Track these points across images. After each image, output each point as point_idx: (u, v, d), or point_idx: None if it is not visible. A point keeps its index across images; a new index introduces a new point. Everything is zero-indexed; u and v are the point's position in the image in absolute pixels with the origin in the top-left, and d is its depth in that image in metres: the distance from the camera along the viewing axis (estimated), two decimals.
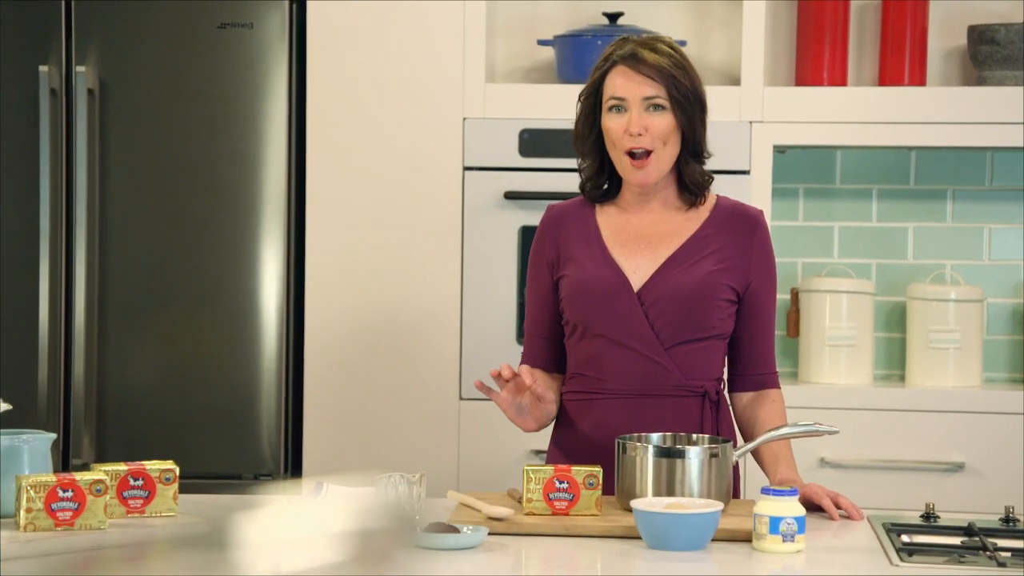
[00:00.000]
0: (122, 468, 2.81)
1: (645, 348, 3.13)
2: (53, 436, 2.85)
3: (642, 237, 3.19)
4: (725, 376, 3.24)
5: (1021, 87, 4.30)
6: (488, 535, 2.77)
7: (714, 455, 2.93)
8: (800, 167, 4.64)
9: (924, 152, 4.60)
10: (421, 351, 4.34)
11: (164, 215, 4.34)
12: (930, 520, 2.98)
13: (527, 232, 4.27)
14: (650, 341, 3.13)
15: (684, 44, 3.94)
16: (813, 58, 4.46)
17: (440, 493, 3.11)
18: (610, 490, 2.99)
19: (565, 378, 3.24)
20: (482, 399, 4.25)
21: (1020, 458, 4.20)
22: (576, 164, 3.27)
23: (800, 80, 4.49)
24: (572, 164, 3.34)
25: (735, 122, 4.29)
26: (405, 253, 4.36)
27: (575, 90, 3.26)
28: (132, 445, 4.30)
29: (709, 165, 3.23)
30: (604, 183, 3.23)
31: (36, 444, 2.81)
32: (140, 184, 4.34)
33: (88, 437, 4.33)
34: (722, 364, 3.23)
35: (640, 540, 2.76)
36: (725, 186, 3.86)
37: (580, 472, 2.90)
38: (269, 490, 4.10)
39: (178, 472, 2.84)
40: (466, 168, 4.35)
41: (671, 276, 3.14)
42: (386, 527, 1.44)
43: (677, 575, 2.61)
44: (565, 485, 2.89)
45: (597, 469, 2.91)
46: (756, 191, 4.26)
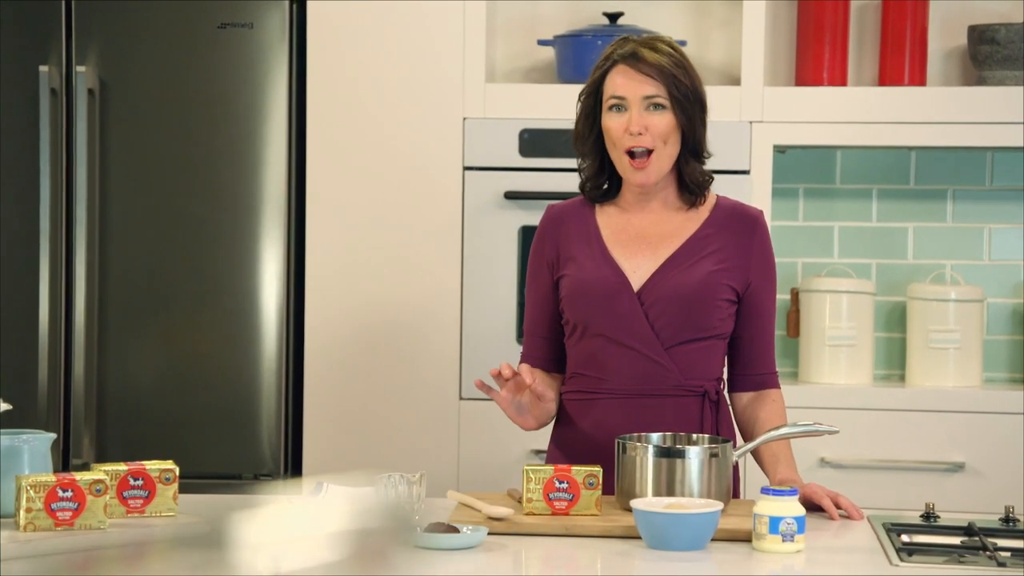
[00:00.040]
0: (122, 468, 2.81)
1: (645, 348, 3.13)
2: (53, 436, 2.86)
3: (642, 237, 3.19)
4: (725, 376, 3.24)
5: (1021, 87, 4.30)
6: (488, 535, 2.77)
7: (714, 455, 2.93)
8: (800, 167, 4.64)
9: (924, 152, 4.60)
10: (421, 351, 4.34)
11: (164, 215, 4.34)
12: (930, 520, 2.98)
13: (527, 232, 4.27)
14: (650, 341, 3.13)
15: (684, 44, 3.94)
16: (813, 58, 4.46)
17: (440, 493, 3.11)
18: (610, 490, 2.99)
19: (565, 378, 3.24)
20: (482, 399, 4.25)
21: (1020, 458, 4.20)
22: (576, 164, 3.27)
23: (800, 80, 4.49)
24: (572, 164, 3.34)
25: (735, 122, 4.29)
26: (405, 253, 4.35)
27: (575, 90, 3.26)
28: (132, 445, 4.30)
29: (709, 165, 3.23)
30: (604, 183, 3.23)
31: (36, 444, 2.81)
32: (140, 184, 4.34)
33: (88, 437, 4.33)
34: (722, 364, 3.23)
35: (640, 540, 2.76)
36: (725, 186, 3.86)
37: (580, 472, 2.90)
38: (269, 490, 4.10)
39: (178, 472, 2.84)
40: (466, 168, 4.35)
41: (671, 276, 3.14)
42: (384, 527, 1.44)
43: (677, 575, 2.61)
44: (565, 485, 2.89)
45: (597, 469, 2.91)
46: (756, 191, 4.26)
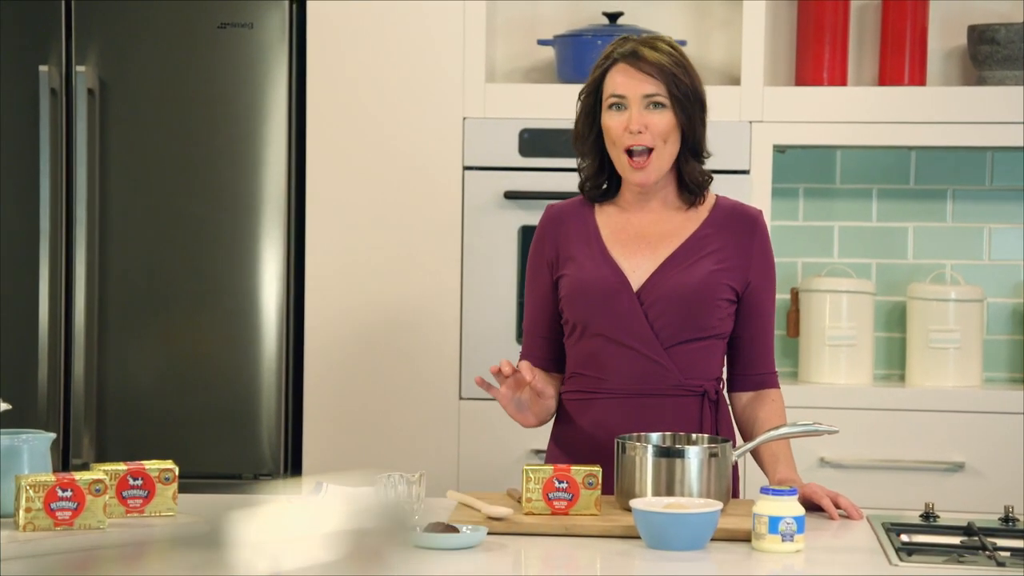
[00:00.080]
0: (121, 468, 2.81)
1: (644, 347, 3.13)
2: (52, 436, 2.86)
3: (642, 237, 3.19)
4: (724, 376, 3.24)
5: (1021, 87, 4.30)
6: (487, 535, 2.77)
7: (713, 455, 2.92)
8: (800, 167, 4.64)
9: (924, 152, 4.60)
10: (421, 351, 4.34)
11: (164, 215, 4.34)
12: (929, 520, 2.98)
13: (527, 232, 4.27)
14: (649, 341, 3.13)
15: (684, 44, 3.93)
16: (813, 58, 4.46)
17: (440, 493, 3.11)
18: (609, 489, 2.99)
19: (564, 377, 3.24)
20: (482, 399, 4.26)
21: (1020, 458, 4.20)
22: (576, 164, 3.27)
23: (800, 80, 4.49)
24: (572, 164, 3.34)
25: (735, 122, 4.29)
26: (405, 253, 4.35)
27: (575, 90, 3.26)
28: (132, 445, 4.30)
29: (709, 165, 3.23)
30: (604, 183, 3.23)
31: (36, 444, 2.81)
32: (140, 184, 4.34)
33: (88, 437, 4.33)
34: (721, 364, 3.22)
35: (639, 540, 2.76)
36: (725, 186, 3.87)
37: (579, 472, 2.90)
38: (269, 490, 4.10)
39: (177, 472, 2.84)
40: (466, 168, 4.35)
41: (670, 276, 3.14)
42: (381, 527, 1.44)
43: (676, 575, 2.61)
44: (564, 485, 2.89)
45: (596, 469, 2.91)
46: (756, 191, 4.26)
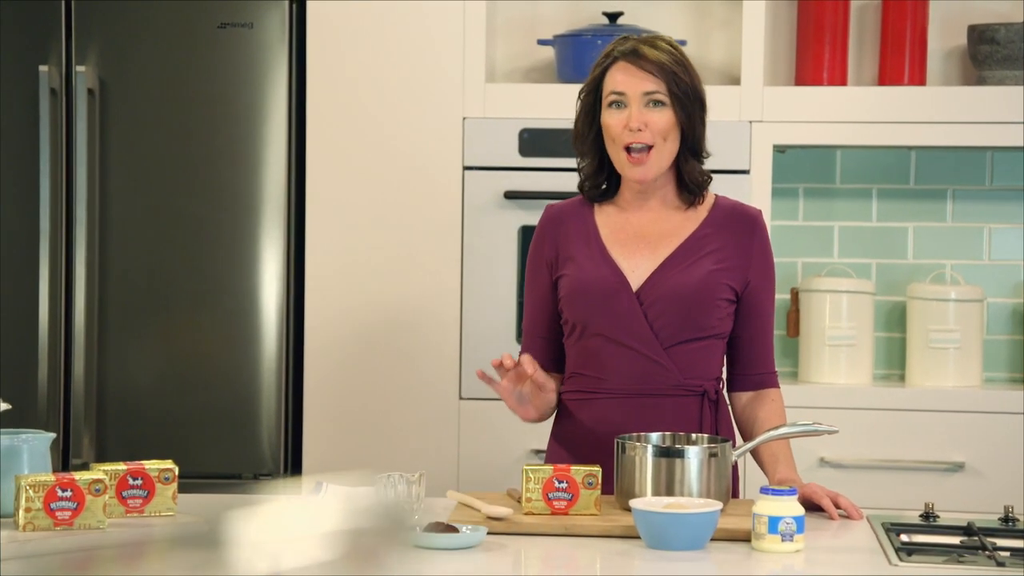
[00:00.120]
0: (121, 468, 2.81)
1: (644, 347, 3.13)
2: (52, 436, 2.86)
3: (641, 236, 3.19)
4: (724, 376, 3.24)
5: (1021, 87, 4.30)
6: (487, 535, 2.77)
7: (713, 455, 2.92)
8: (800, 167, 4.64)
9: (924, 152, 4.60)
10: (421, 351, 4.34)
11: (164, 215, 4.34)
12: (929, 520, 2.98)
13: (527, 232, 4.27)
14: (649, 340, 3.12)
15: (684, 44, 3.93)
16: (813, 58, 4.46)
17: (440, 493, 3.11)
18: (609, 489, 2.99)
19: (564, 377, 3.24)
20: (482, 399, 4.26)
21: (1020, 458, 4.20)
22: (576, 164, 3.27)
23: (800, 80, 4.49)
24: (572, 164, 3.34)
25: (735, 122, 4.29)
26: (405, 253, 4.35)
27: (575, 90, 3.26)
28: (132, 445, 4.30)
29: (709, 164, 3.23)
30: (603, 182, 3.23)
31: (36, 444, 2.81)
32: (140, 184, 4.34)
33: (88, 437, 4.33)
34: (721, 363, 3.22)
35: (639, 540, 2.76)
36: (725, 186, 3.86)
37: (579, 472, 2.90)
38: (269, 490, 4.10)
39: (177, 472, 2.84)
40: (466, 168, 4.35)
41: (670, 276, 3.14)
42: (378, 527, 1.44)
43: (676, 575, 2.61)
44: (564, 485, 2.89)
45: (596, 469, 2.91)
46: (756, 191, 4.26)
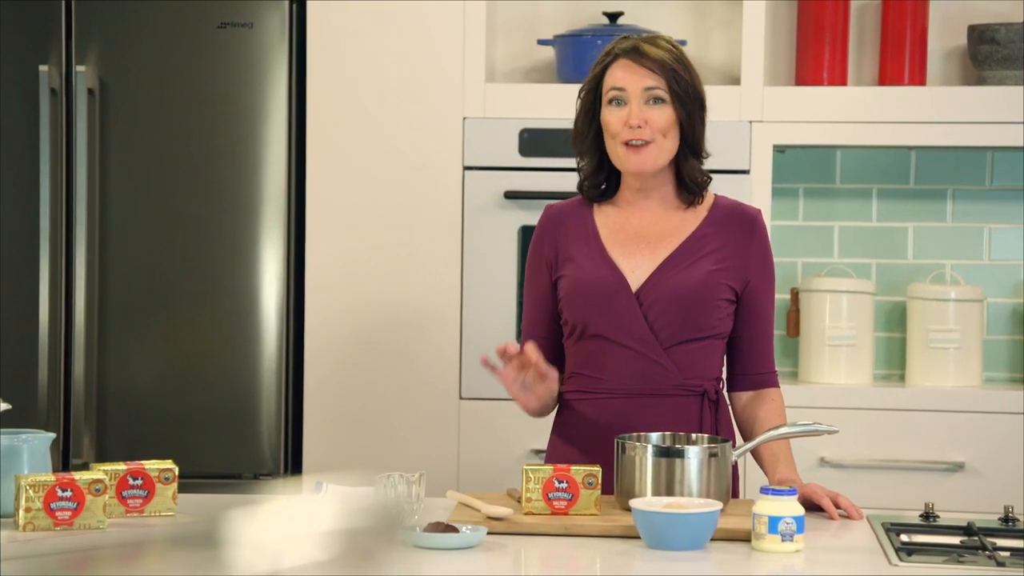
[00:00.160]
0: (121, 468, 2.81)
1: (644, 348, 3.13)
2: (52, 436, 2.86)
3: (641, 236, 3.18)
4: (724, 375, 3.24)
5: (1021, 87, 4.30)
6: (487, 535, 2.77)
7: (713, 455, 2.92)
8: (800, 167, 4.64)
9: (924, 152, 4.60)
10: (421, 351, 4.34)
11: (164, 215, 4.34)
12: (929, 520, 2.98)
13: (527, 232, 4.27)
14: (648, 341, 3.12)
15: (684, 44, 3.93)
16: (813, 58, 4.46)
17: (440, 493, 3.11)
18: (609, 489, 2.99)
19: (563, 378, 3.23)
20: (482, 399, 4.26)
21: (1020, 458, 4.20)
22: (576, 164, 3.26)
23: (800, 80, 4.49)
24: (572, 164, 3.34)
25: (735, 122, 4.29)
26: (405, 253, 4.35)
27: (575, 90, 3.26)
28: (132, 445, 4.30)
29: (709, 164, 3.23)
30: (602, 182, 3.23)
31: (36, 444, 2.82)
32: (140, 184, 4.34)
33: (88, 437, 4.33)
34: (721, 363, 3.22)
35: (639, 540, 2.76)
36: (725, 186, 3.86)
37: (579, 472, 2.90)
38: (269, 489, 4.10)
39: (177, 472, 2.85)
40: (466, 168, 4.35)
41: (670, 276, 3.14)
42: (374, 526, 1.44)
43: (676, 575, 2.61)
44: (564, 485, 2.89)
45: (596, 469, 2.91)
46: (756, 191, 4.26)
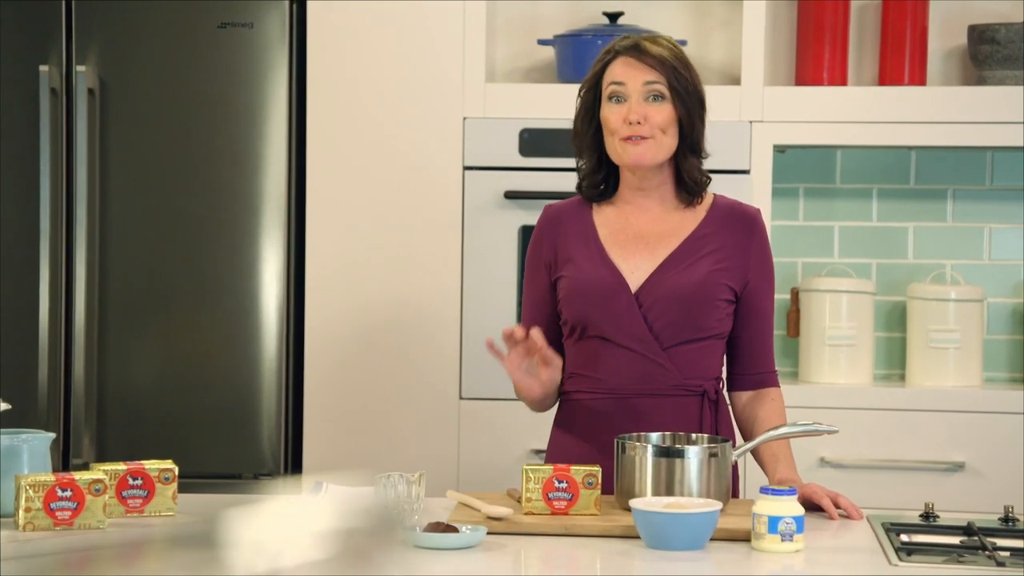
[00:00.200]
0: (121, 468, 2.81)
1: (643, 348, 3.13)
2: (52, 436, 2.86)
3: (640, 237, 3.18)
4: (724, 375, 3.24)
5: (1021, 87, 4.30)
6: (487, 535, 2.77)
7: (713, 455, 2.92)
8: (800, 167, 4.64)
9: (924, 152, 4.60)
10: (421, 351, 4.34)
11: (164, 215, 4.34)
12: (929, 520, 2.98)
13: (527, 232, 4.27)
14: (648, 341, 3.12)
15: (684, 44, 3.93)
16: (813, 58, 4.46)
17: (440, 493, 3.11)
18: (609, 489, 2.99)
19: (563, 378, 3.23)
20: (482, 399, 4.26)
21: (1020, 458, 4.20)
22: (575, 163, 3.26)
23: (800, 80, 4.49)
24: (572, 164, 3.33)
25: (735, 122, 4.29)
26: (405, 253, 4.35)
27: (575, 90, 3.26)
28: (132, 445, 4.30)
29: (708, 164, 3.23)
30: (601, 181, 3.22)
31: (35, 444, 2.82)
32: (140, 184, 4.34)
33: (88, 437, 4.33)
34: (721, 363, 3.22)
35: (639, 540, 2.76)
36: (725, 186, 3.86)
37: (579, 472, 2.90)
38: (269, 489, 4.10)
39: (177, 472, 2.85)
40: (466, 168, 4.35)
41: (669, 276, 3.14)
42: (371, 527, 1.44)
43: (676, 575, 2.61)
44: (564, 485, 2.89)
45: (596, 469, 2.91)
46: (756, 191, 4.26)
